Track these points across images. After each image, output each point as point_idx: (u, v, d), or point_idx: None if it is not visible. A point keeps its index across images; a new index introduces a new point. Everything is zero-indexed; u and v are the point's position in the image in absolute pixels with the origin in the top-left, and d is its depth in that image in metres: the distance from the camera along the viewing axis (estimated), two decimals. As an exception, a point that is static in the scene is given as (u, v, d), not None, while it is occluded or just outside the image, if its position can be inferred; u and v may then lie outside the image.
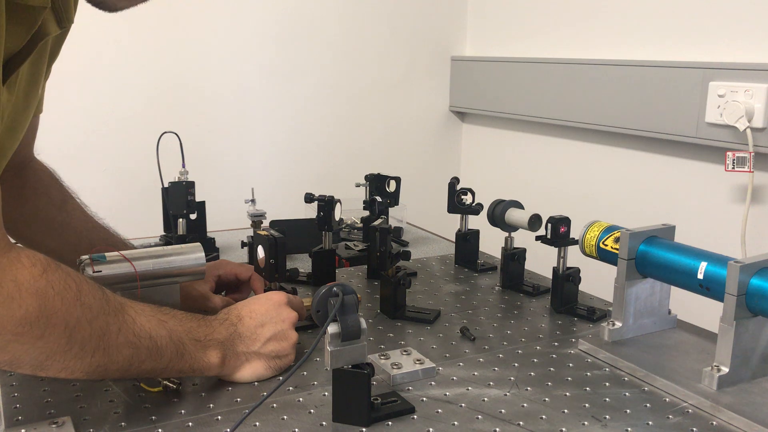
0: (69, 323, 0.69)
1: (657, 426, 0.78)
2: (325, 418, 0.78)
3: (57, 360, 0.70)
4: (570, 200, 1.86)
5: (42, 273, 0.68)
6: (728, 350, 0.83)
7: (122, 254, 0.88)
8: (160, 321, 0.78)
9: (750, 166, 1.36)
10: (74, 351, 0.71)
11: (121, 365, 0.75)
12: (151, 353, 0.76)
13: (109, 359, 0.74)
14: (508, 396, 0.84)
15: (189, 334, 0.80)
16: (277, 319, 0.88)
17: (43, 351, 0.69)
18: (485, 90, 2.09)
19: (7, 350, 0.67)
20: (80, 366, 0.72)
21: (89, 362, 0.72)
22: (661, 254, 0.93)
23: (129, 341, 0.75)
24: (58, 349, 0.70)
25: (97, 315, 0.72)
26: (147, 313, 0.78)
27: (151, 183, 1.43)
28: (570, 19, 1.85)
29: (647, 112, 1.59)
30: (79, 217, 1.06)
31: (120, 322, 0.74)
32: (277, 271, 1.00)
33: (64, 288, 0.70)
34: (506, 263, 1.23)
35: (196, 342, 0.81)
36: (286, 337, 0.88)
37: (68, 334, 0.70)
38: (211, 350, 0.82)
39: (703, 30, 1.52)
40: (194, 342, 0.81)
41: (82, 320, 0.71)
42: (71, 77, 1.69)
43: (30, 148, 1.05)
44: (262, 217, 1.44)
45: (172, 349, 0.78)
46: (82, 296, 0.71)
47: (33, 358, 0.69)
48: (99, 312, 0.72)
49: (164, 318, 0.79)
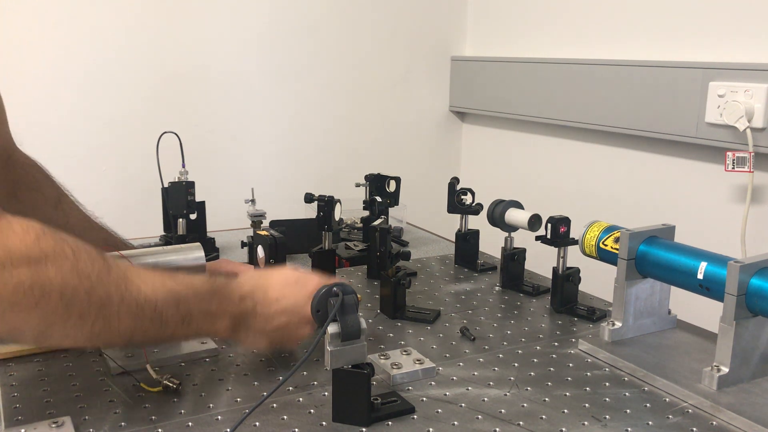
0: (65, 293, 0.68)
1: (657, 426, 0.78)
2: (325, 418, 0.78)
3: (56, 329, 0.69)
4: (570, 200, 1.86)
5: (35, 240, 0.67)
6: (728, 350, 0.83)
7: (122, 254, 0.88)
8: (169, 290, 0.77)
9: (750, 166, 1.36)
10: (73, 320, 0.69)
11: (123, 335, 0.74)
12: (154, 323, 0.75)
13: (111, 328, 0.72)
14: (508, 396, 0.84)
15: (200, 305, 0.79)
16: (303, 307, 0.85)
17: (41, 320, 0.68)
18: (485, 90, 2.09)
19: (5, 320, 0.66)
20: (81, 335, 0.71)
21: (89, 331, 0.71)
22: (661, 254, 0.93)
23: (131, 312, 0.73)
24: (56, 319, 0.68)
25: (96, 284, 0.71)
26: (154, 282, 0.76)
27: (151, 183, 1.43)
28: (570, 19, 1.85)
29: (647, 112, 1.59)
30: (76, 216, 1.05)
31: (122, 292, 0.73)
32: (277, 271, 0.99)
33: (60, 256, 0.68)
34: (506, 263, 1.23)
35: (207, 313, 0.80)
36: (300, 327, 0.86)
37: (65, 303, 0.68)
38: (221, 321, 0.81)
39: (703, 30, 1.52)
40: (204, 313, 0.80)
41: (79, 289, 0.69)
42: (71, 77, 1.69)
43: (8, 135, 1.02)
44: (262, 217, 1.44)
45: (177, 318, 0.77)
46: (80, 264, 0.70)
47: (32, 327, 0.68)
48: (98, 281, 0.71)
49: (175, 286, 0.77)
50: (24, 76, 1.66)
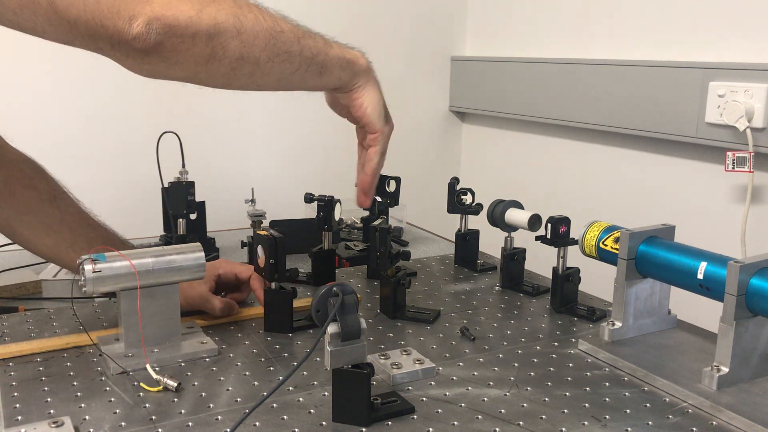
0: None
1: (657, 426, 0.78)
2: (325, 418, 0.78)
3: (242, 19, 0.74)
4: (570, 200, 1.86)
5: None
6: (728, 350, 0.83)
7: (122, 254, 0.88)
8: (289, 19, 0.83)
9: (750, 166, 1.36)
10: (245, 10, 0.75)
11: (289, 33, 0.80)
12: (304, 31, 0.82)
13: (277, 23, 0.79)
14: (508, 396, 0.84)
15: (322, 35, 0.86)
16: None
17: (224, 8, 0.73)
18: (485, 90, 2.09)
19: (207, 9, 0.72)
20: (260, 29, 0.77)
21: (265, 26, 0.77)
22: (661, 254, 0.93)
23: (279, 15, 0.80)
24: (234, 7, 0.74)
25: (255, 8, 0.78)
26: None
27: (151, 183, 1.43)
28: (570, 19, 1.85)
29: (647, 112, 1.59)
30: (73, 214, 1.03)
31: (262, 6, 0.79)
32: (277, 271, 1.00)
33: None
34: (506, 263, 1.23)
35: (336, 42, 0.87)
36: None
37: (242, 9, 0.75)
38: (353, 52, 0.89)
39: (703, 30, 1.52)
40: (333, 41, 0.87)
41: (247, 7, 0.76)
42: (71, 77, 1.69)
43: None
44: (262, 217, 1.44)
45: (318, 37, 0.84)
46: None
47: (224, 14, 0.73)
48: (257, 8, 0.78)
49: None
50: (23, 75, 1.66)
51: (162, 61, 0.72)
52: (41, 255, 1.04)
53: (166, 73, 0.75)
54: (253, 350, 0.96)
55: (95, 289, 0.87)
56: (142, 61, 0.72)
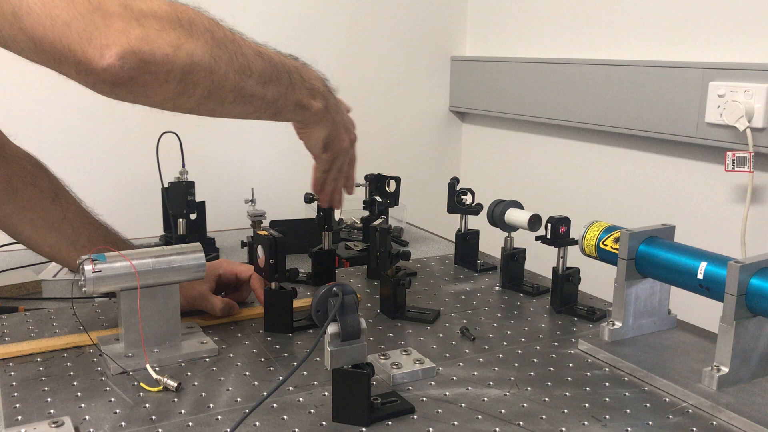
0: (203, 22, 0.73)
1: (657, 426, 0.78)
2: (325, 418, 0.78)
3: (216, 59, 0.74)
4: (570, 200, 1.86)
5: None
6: (728, 350, 0.83)
7: (122, 254, 0.88)
8: (267, 49, 0.84)
9: (750, 166, 1.36)
10: (221, 50, 0.74)
11: (258, 75, 0.80)
12: (273, 73, 0.82)
13: (248, 65, 0.78)
14: (508, 396, 0.84)
15: (296, 69, 0.87)
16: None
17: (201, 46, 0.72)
18: (485, 90, 2.09)
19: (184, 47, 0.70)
20: (231, 70, 0.76)
21: (237, 66, 0.77)
22: (661, 254, 0.93)
23: (255, 52, 0.80)
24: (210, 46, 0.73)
25: (218, 23, 0.77)
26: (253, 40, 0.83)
27: (151, 183, 1.43)
28: (570, 19, 1.85)
29: (647, 112, 1.59)
30: (75, 212, 1.03)
31: (239, 36, 0.79)
32: (277, 271, 1.00)
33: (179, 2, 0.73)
34: (506, 263, 1.23)
35: (301, 79, 0.87)
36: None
37: (210, 32, 0.74)
38: (313, 91, 0.90)
39: (703, 30, 1.52)
40: (300, 78, 0.87)
41: (212, 23, 0.75)
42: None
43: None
44: (262, 217, 1.44)
45: (285, 77, 0.84)
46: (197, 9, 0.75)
47: (200, 54, 0.72)
48: (217, 21, 0.77)
49: (270, 50, 0.85)
50: (23, 74, 1.66)
51: (130, 93, 0.70)
52: (42, 253, 1.04)
53: (133, 101, 0.73)
54: (253, 350, 0.96)
55: (95, 289, 0.87)
56: (110, 91, 0.70)
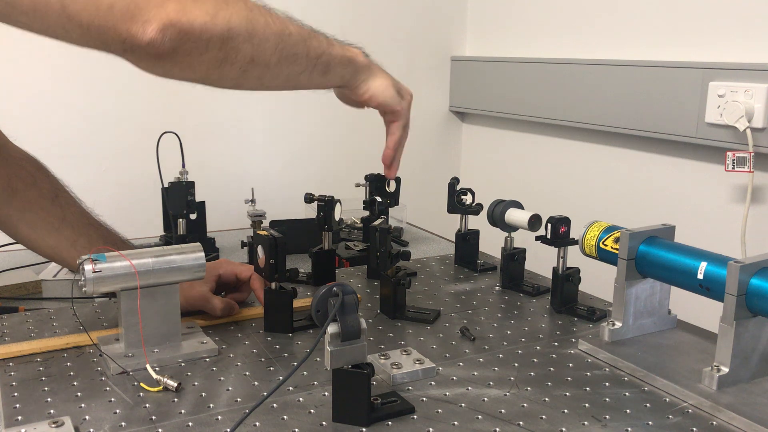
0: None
1: (657, 426, 0.78)
2: (325, 418, 0.78)
3: (254, 23, 0.76)
4: (570, 200, 1.86)
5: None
6: (728, 350, 0.83)
7: (122, 254, 0.88)
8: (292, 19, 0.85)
9: (750, 166, 1.36)
10: (255, 14, 0.76)
11: (296, 35, 0.82)
12: (309, 33, 0.84)
13: (285, 26, 0.80)
14: (508, 396, 0.84)
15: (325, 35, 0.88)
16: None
17: (237, 12, 0.74)
18: (485, 90, 2.09)
19: (221, 14, 0.72)
20: (270, 33, 0.78)
21: (274, 29, 0.79)
22: (661, 254, 0.93)
23: (286, 17, 0.82)
24: (246, 11, 0.75)
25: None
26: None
27: (151, 183, 1.43)
28: (570, 19, 1.85)
29: (647, 112, 1.59)
30: (75, 212, 1.03)
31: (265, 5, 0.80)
32: (277, 271, 1.00)
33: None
34: (506, 263, 1.23)
35: (335, 39, 0.89)
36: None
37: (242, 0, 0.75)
38: (350, 48, 0.91)
39: (703, 30, 1.52)
40: (333, 39, 0.89)
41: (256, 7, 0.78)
42: (71, 76, 1.69)
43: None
44: (262, 217, 1.44)
45: (322, 36, 0.86)
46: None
47: (237, 19, 0.74)
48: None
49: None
50: (24, 74, 1.66)
51: (175, 65, 0.73)
52: (42, 253, 1.04)
53: (179, 76, 0.76)
54: (253, 350, 0.96)
55: (95, 289, 0.87)
56: (155, 65, 0.73)
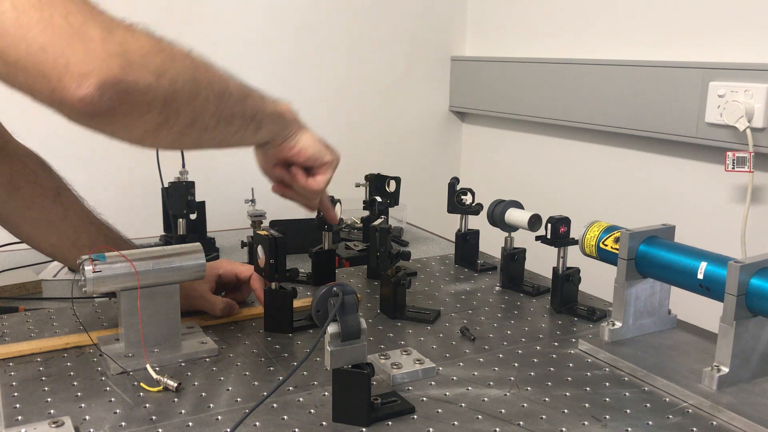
0: (181, 48, 0.71)
1: (657, 426, 0.78)
2: (325, 418, 0.78)
3: (198, 83, 0.72)
4: (570, 200, 1.86)
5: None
6: (728, 350, 0.83)
7: (122, 254, 0.88)
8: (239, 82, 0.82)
9: (750, 166, 1.36)
10: (201, 73, 0.73)
11: (236, 94, 0.79)
12: (245, 89, 0.81)
13: (226, 85, 0.77)
14: (508, 396, 0.84)
15: (258, 91, 0.85)
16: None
17: (183, 71, 0.70)
18: (485, 90, 2.09)
19: (167, 74, 0.67)
20: (212, 93, 0.74)
21: (216, 89, 0.75)
22: (661, 254, 0.93)
23: (225, 71, 0.78)
24: (192, 70, 0.71)
25: (181, 49, 0.73)
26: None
27: (151, 183, 1.43)
28: (570, 19, 1.85)
29: (647, 112, 1.59)
30: (77, 211, 1.03)
31: (200, 57, 0.77)
32: (277, 271, 1.00)
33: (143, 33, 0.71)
34: (506, 263, 1.23)
35: (267, 97, 0.87)
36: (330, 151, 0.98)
37: (189, 56, 0.72)
38: (282, 104, 0.89)
39: (703, 30, 1.52)
40: (266, 96, 0.87)
41: (185, 49, 0.73)
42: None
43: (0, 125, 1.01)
44: (262, 217, 1.44)
45: (255, 91, 0.83)
46: (162, 38, 0.72)
47: (183, 79, 0.69)
48: (181, 49, 0.74)
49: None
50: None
51: (109, 125, 0.66)
52: (43, 251, 1.04)
53: (112, 135, 0.69)
54: (253, 350, 0.96)
55: (95, 289, 0.87)
56: (85, 123, 0.65)
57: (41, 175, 1.03)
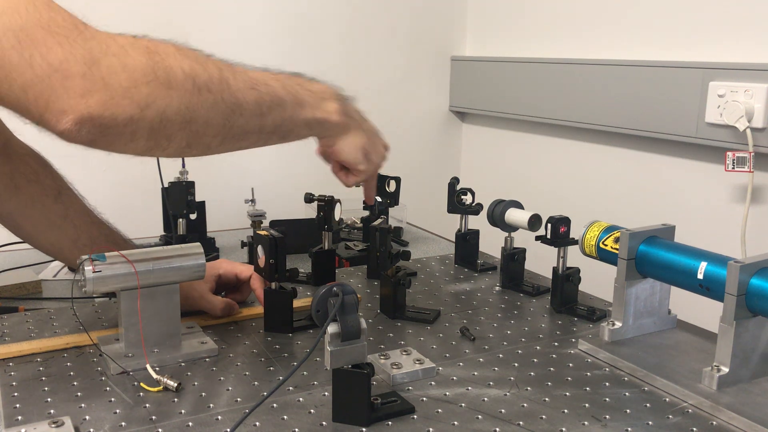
0: (184, 69, 0.69)
1: (657, 426, 0.78)
2: (325, 418, 0.78)
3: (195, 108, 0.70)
4: (570, 200, 1.86)
5: (134, 37, 0.69)
6: (728, 350, 0.83)
7: (122, 254, 0.88)
8: (267, 74, 0.80)
9: (750, 166, 1.36)
10: (204, 95, 0.70)
11: (252, 110, 0.76)
12: (273, 99, 0.78)
13: (239, 103, 0.74)
14: (508, 396, 0.84)
15: (302, 86, 0.83)
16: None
17: (177, 99, 0.68)
18: (485, 90, 2.09)
19: (154, 105, 0.66)
20: (216, 114, 0.72)
21: (223, 108, 0.73)
22: (661, 254, 0.93)
23: (249, 85, 0.76)
24: (190, 95, 0.69)
25: (205, 62, 0.73)
26: (251, 67, 0.79)
27: (151, 183, 1.43)
28: (570, 19, 1.85)
29: (647, 112, 1.59)
30: (77, 210, 1.03)
31: (230, 70, 0.75)
32: (277, 271, 1.00)
33: (160, 45, 0.70)
34: (506, 263, 1.23)
35: (312, 93, 0.83)
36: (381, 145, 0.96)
37: (191, 78, 0.69)
38: (328, 101, 0.86)
39: (703, 30, 1.52)
40: (309, 93, 0.83)
41: (195, 66, 0.71)
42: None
43: (1, 123, 1.00)
44: (262, 217, 1.44)
45: (290, 98, 0.80)
46: (181, 49, 0.71)
47: (175, 108, 0.68)
48: (204, 60, 0.73)
49: (271, 73, 0.81)
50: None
51: (97, 149, 0.68)
52: (44, 250, 1.04)
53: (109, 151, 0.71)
54: (253, 350, 0.96)
55: (95, 289, 0.87)
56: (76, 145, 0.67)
57: (42, 174, 1.02)
